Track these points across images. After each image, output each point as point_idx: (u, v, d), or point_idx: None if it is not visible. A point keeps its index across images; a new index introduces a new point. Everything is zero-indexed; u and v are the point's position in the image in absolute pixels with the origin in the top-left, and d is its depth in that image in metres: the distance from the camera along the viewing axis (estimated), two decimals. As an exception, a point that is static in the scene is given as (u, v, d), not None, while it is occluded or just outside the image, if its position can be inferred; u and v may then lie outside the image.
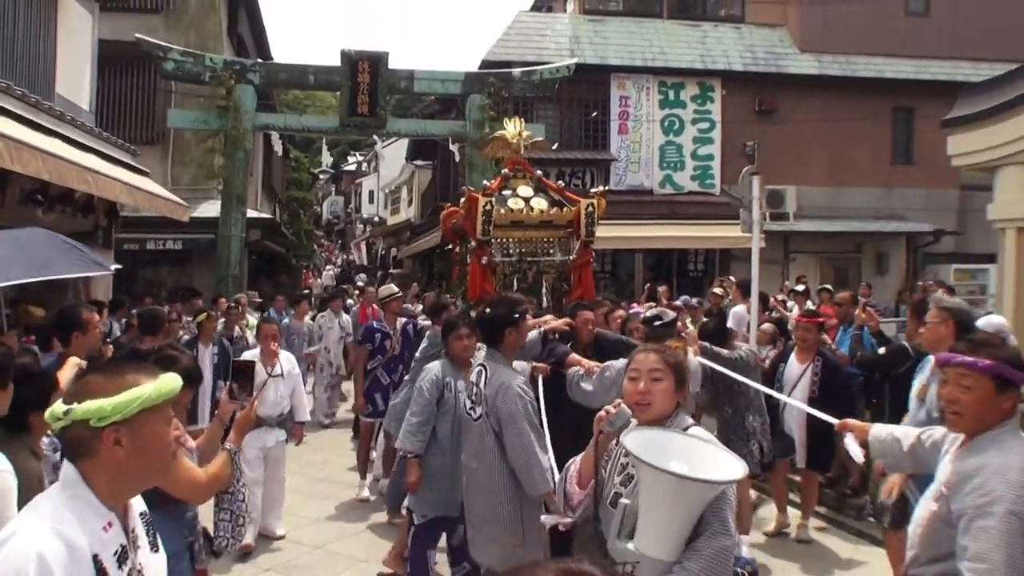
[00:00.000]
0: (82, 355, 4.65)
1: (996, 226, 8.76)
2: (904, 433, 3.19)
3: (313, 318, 12.02)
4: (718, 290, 12.06)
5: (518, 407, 3.99)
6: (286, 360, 6.58)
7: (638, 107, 18.48)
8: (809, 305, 10.27)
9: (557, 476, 3.39)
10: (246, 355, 6.33)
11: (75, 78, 10.96)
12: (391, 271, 29.99)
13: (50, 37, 10.18)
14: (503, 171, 7.63)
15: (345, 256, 46.84)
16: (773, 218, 17.68)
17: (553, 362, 5.02)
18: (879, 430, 3.30)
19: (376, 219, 41.76)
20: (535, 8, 21.80)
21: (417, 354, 6.49)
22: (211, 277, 13.72)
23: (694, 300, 12.22)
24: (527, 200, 7.32)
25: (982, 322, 5.37)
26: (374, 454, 8.17)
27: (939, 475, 2.79)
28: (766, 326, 8.05)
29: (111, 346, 6.63)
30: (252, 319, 10.54)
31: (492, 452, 4.07)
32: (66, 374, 3.97)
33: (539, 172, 7.81)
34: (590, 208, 7.11)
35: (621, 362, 4.41)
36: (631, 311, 8.55)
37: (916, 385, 4.67)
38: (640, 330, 6.03)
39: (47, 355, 4.90)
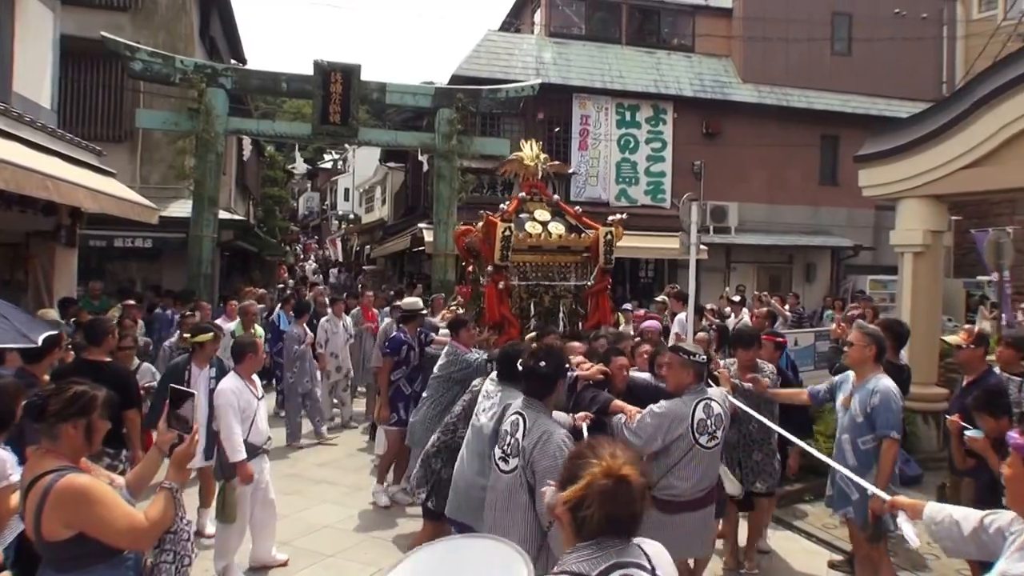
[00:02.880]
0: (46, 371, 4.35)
1: (896, 250, 8.73)
2: (964, 516, 2.57)
3: (268, 315, 10.38)
4: (660, 298, 11.45)
5: (558, 462, 3.10)
6: (256, 380, 5.35)
7: (597, 126, 17.54)
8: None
9: None
10: (227, 382, 5.07)
11: (35, 76, 9.17)
12: (364, 268, 28.35)
13: (6, 34, 8.46)
14: (520, 194, 6.88)
15: (322, 252, 44.34)
16: (717, 231, 17.38)
17: (597, 410, 4.19)
18: (934, 511, 2.72)
19: (351, 216, 39.66)
20: (503, 28, 20.66)
21: (436, 370, 5.73)
22: (182, 275, 11.93)
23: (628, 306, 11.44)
24: (545, 224, 6.58)
25: None
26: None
27: (994, 570, 2.25)
28: (702, 335, 7.49)
29: (72, 352, 5.61)
30: (259, 328, 8.77)
31: (522, 509, 3.31)
32: None
33: (556, 197, 7.02)
34: (609, 236, 6.44)
35: (655, 411, 3.93)
36: (644, 324, 7.17)
37: (840, 396, 4.66)
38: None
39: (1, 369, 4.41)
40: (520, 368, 3.62)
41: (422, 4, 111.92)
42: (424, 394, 5.99)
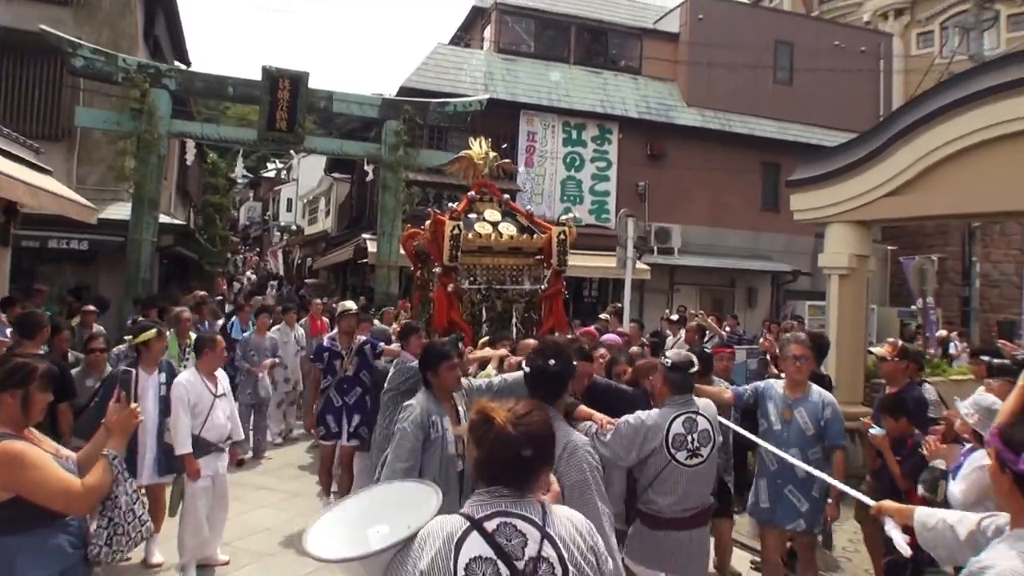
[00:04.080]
0: None
1: (824, 272, 9.29)
2: (958, 519, 2.44)
3: (227, 328, 10.30)
4: (604, 316, 11.66)
5: (587, 475, 2.93)
6: (223, 378, 5.52)
7: (543, 143, 18.01)
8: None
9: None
10: (183, 375, 5.30)
11: (-30, 69, 9.16)
12: (306, 280, 28.22)
13: (-60, 25, 8.43)
14: (469, 193, 6.58)
15: (263, 264, 43.71)
16: (660, 252, 17.76)
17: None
18: (926, 515, 2.57)
19: (293, 227, 39.37)
20: (453, 42, 21.05)
21: (386, 384, 5.37)
22: (118, 279, 11.81)
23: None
24: (495, 225, 6.33)
25: None
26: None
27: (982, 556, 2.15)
28: (635, 349, 7.37)
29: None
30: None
31: None
32: None
33: (506, 196, 6.86)
34: (562, 236, 6.17)
35: (629, 422, 3.73)
36: (605, 337, 7.13)
37: (774, 408, 4.74)
38: (640, 372, 4.81)
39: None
40: (527, 370, 3.38)
41: (371, 14, 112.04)
42: (379, 416, 5.69)
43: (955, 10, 26.28)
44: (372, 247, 14.31)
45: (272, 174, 49.67)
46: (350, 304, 7.45)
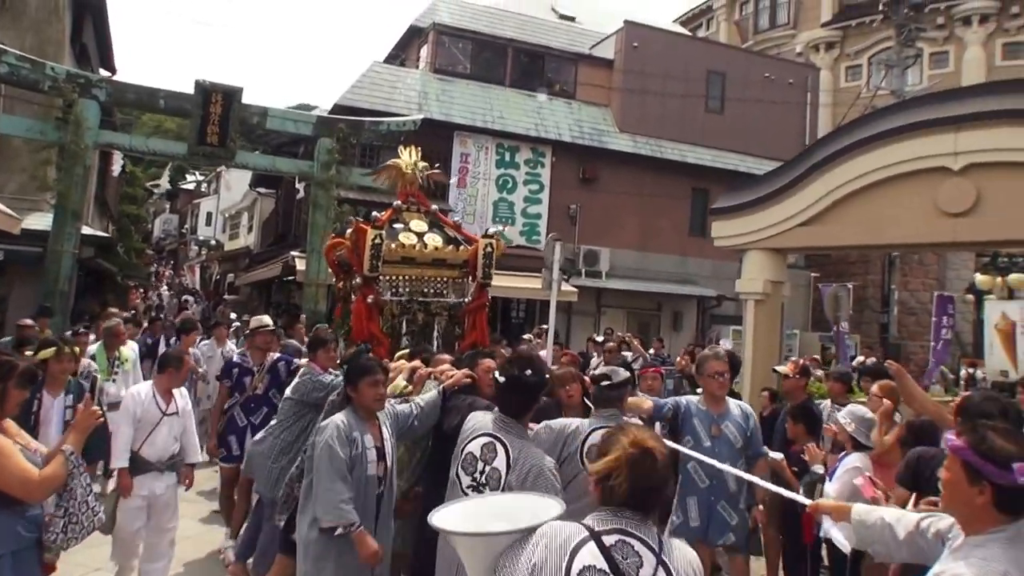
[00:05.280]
0: None
1: (741, 297, 10.00)
2: (897, 517, 2.54)
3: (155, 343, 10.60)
4: (528, 336, 12.31)
5: None
6: (180, 396, 5.37)
7: (476, 164, 18.72)
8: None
9: None
10: (139, 387, 5.39)
11: None
12: (225, 297, 28.27)
13: None
14: (395, 203, 6.62)
15: (178, 279, 43.16)
16: (588, 275, 18.56)
17: None
18: (864, 512, 2.65)
19: (213, 243, 39.23)
20: (389, 60, 21.65)
21: (288, 392, 5.33)
22: (32, 291, 11.95)
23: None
24: (420, 235, 6.36)
25: None
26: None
27: (930, 572, 2.18)
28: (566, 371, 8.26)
29: None
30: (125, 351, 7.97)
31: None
32: None
33: (435, 207, 6.94)
34: (488, 248, 6.23)
35: (551, 426, 3.95)
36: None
37: (700, 427, 4.91)
38: (556, 381, 4.98)
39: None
40: (499, 381, 3.43)
41: (304, 31, 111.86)
42: (272, 421, 5.56)
43: (882, 46, 28.58)
44: (301, 265, 14.75)
45: (191, 186, 49.18)
46: (265, 319, 7.31)
